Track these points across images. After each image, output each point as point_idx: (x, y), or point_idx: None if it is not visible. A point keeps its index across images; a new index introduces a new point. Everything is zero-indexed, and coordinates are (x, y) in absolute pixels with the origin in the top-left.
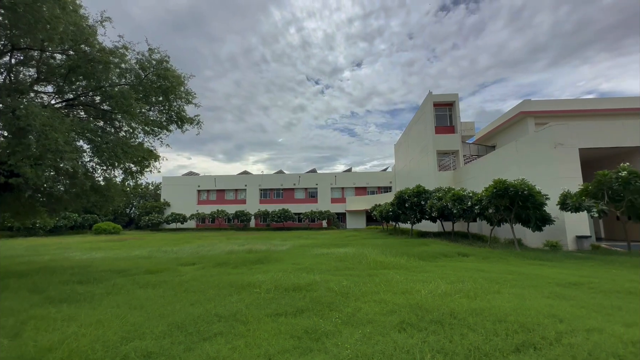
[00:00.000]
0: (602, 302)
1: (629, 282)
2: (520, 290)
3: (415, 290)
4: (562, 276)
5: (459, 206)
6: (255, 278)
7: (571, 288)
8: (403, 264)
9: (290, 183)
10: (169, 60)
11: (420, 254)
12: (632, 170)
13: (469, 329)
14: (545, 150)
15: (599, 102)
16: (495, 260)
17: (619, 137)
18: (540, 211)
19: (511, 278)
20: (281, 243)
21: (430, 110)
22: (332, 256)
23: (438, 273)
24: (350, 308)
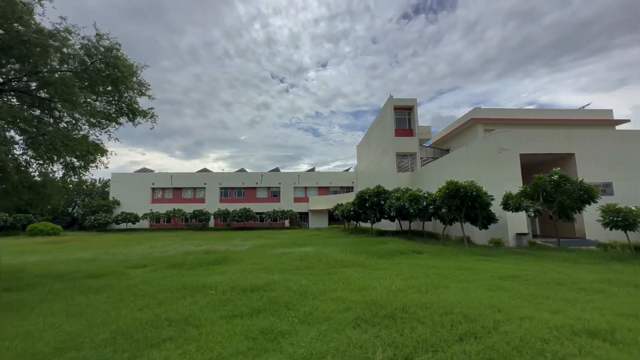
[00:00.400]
0: (534, 293)
1: (557, 274)
2: (466, 284)
3: (371, 287)
4: (502, 270)
5: (415, 206)
6: (212, 279)
7: (509, 280)
8: (362, 262)
9: (252, 182)
10: (120, 48)
11: (378, 252)
12: (562, 174)
13: (418, 322)
14: (492, 154)
15: (538, 113)
16: (447, 256)
17: (553, 144)
18: (486, 211)
19: (459, 273)
20: (241, 243)
21: (391, 114)
22: (292, 256)
23: (394, 270)
24: (308, 307)
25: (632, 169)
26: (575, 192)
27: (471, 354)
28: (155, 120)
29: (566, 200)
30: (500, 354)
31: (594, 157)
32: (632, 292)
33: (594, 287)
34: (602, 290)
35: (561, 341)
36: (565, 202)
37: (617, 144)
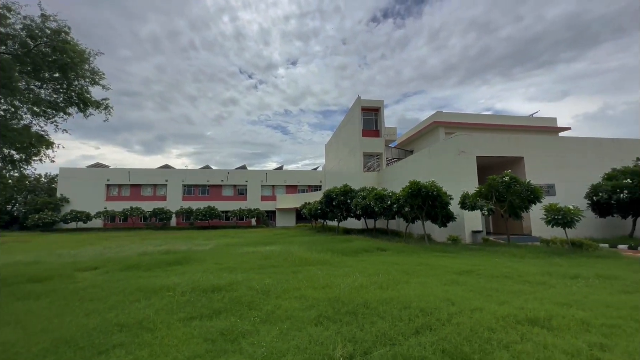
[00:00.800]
0: (485, 286)
1: (506, 268)
2: (425, 279)
3: (335, 284)
4: (458, 265)
5: (380, 205)
6: (170, 280)
7: (464, 275)
8: (327, 259)
9: (217, 179)
10: (70, 32)
11: (343, 249)
12: (512, 176)
13: (378, 317)
14: (451, 156)
15: (493, 118)
16: (409, 253)
17: (505, 148)
18: (445, 210)
19: (419, 269)
20: (204, 242)
21: (359, 114)
22: (257, 255)
23: (358, 267)
24: (271, 306)
25: (572, 172)
26: (524, 193)
27: (426, 345)
28: (110, 112)
29: (515, 200)
30: (452, 344)
31: (540, 161)
32: (567, 283)
33: (537, 279)
34: (543, 282)
35: (506, 330)
36: (515, 202)
37: (559, 149)
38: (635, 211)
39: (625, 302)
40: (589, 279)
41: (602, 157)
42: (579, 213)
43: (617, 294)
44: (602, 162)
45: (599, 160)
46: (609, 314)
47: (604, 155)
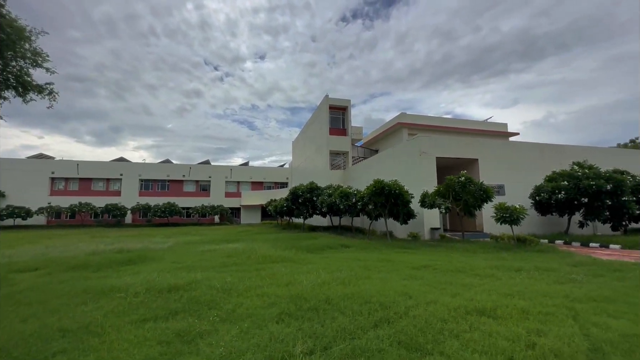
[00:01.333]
0: (440, 279)
1: (460, 263)
2: (386, 274)
3: (298, 281)
4: (417, 261)
5: (345, 202)
6: (122, 281)
7: (422, 270)
8: (291, 257)
9: (178, 174)
10: (5, 4)
11: (308, 246)
12: (468, 176)
13: (339, 313)
14: (413, 156)
15: (452, 122)
16: (371, 250)
17: (462, 150)
18: (407, 208)
19: (381, 265)
20: (163, 240)
21: (326, 113)
22: (219, 252)
23: (322, 264)
24: (231, 304)
25: (519, 174)
26: (477, 192)
27: (383, 338)
28: (55, 97)
29: (470, 199)
30: (408, 335)
31: (492, 163)
32: (512, 276)
33: (486, 272)
34: (492, 275)
35: (457, 320)
36: (469, 201)
37: (509, 152)
38: (570, 210)
39: (558, 292)
40: (530, 271)
41: (545, 160)
42: (524, 212)
43: (553, 284)
44: (545, 165)
45: (542, 164)
46: (545, 302)
47: (547, 159)
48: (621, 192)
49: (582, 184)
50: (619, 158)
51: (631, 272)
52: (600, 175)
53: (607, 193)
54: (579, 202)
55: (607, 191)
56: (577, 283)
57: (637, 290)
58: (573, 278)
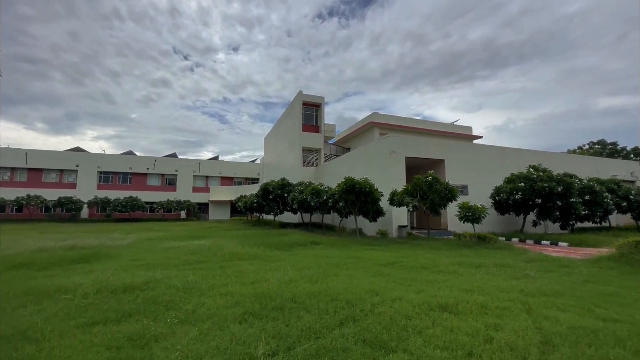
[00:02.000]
0: (406, 276)
1: (425, 260)
2: (353, 271)
3: (264, 279)
4: (384, 258)
5: (316, 199)
6: (71, 281)
7: (389, 267)
8: (259, 254)
9: (142, 167)
10: None
11: (277, 243)
12: (434, 176)
13: (305, 311)
14: (384, 155)
15: (422, 123)
16: (340, 247)
17: (430, 150)
18: (376, 205)
19: (349, 262)
20: (122, 237)
21: (300, 109)
22: (183, 249)
23: (290, 261)
24: (192, 304)
25: (482, 175)
26: (443, 192)
27: (348, 337)
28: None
29: (436, 198)
30: (373, 333)
31: (457, 164)
32: (473, 272)
33: (449, 269)
34: (454, 271)
35: (421, 316)
36: (436, 200)
37: (473, 154)
38: (525, 210)
39: (514, 287)
40: (489, 268)
41: (505, 163)
42: (484, 211)
43: (509, 279)
44: (505, 168)
45: (502, 166)
46: (502, 297)
47: (507, 162)
48: (570, 194)
49: (537, 185)
50: (568, 163)
51: (577, 268)
52: (553, 178)
53: (558, 195)
54: (533, 203)
55: (558, 193)
56: (530, 278)
57: (582, 285)
58: (527, 274)
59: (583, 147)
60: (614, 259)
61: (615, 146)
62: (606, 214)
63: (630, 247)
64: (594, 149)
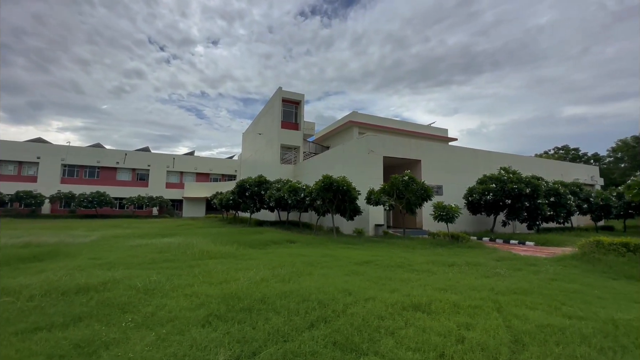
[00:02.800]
0: (381, 275)
1: (399, 258)
2: (328, 270)
3: (234, 278)
4: (360, 256)
5: (293, 197)
6: (16, 282)
7: (364, 265)
8: (232, 252)
9: (111, 161)
10: None
11: (252, 242)
12: (411, 176)
13: (274, 313)
14: (362, 154)
15: (400, 124)
16: (316, 245)
17: (407, 151)
18: (354, 204)
19: (324, 260)
20: (86, 234)
21: (279, 105)
22: (151, 247)
23: (264, 260)
24: (152, 307)
25: (456, 176)
26: (419, 192)
27: (318, 339)
28: None
29: (412, 197)
30: (344, 335)
31: (433, 164)
32: (446, 271)
33: (423, 267)
34: (428, 270)
35: (394, 317)
36: (412, 199)
37: (448, 155)
38: (496, 210)
39: (485, 285)
40: (462, 266)
41: (478, 165)
42: (458, 210)
43: (481, 278)
44: (478, 169)
45: (475, 168)
46: (473, 296)
47: (479, 164)
48: (537, 195)
49: (507, 187)
50: (536, 166)
51: (543, 266)
52: (522, 180)
53: (526, 196)
54: (503, 203)
55: (526, 194)
56: (500, 277)
57: (549, 283)
58: (497, 272)
59: (549, 152)
60: (577, 257)
61: (577, 152)
62: (569, 215)
63: (590, 246)
64: (558, 154)
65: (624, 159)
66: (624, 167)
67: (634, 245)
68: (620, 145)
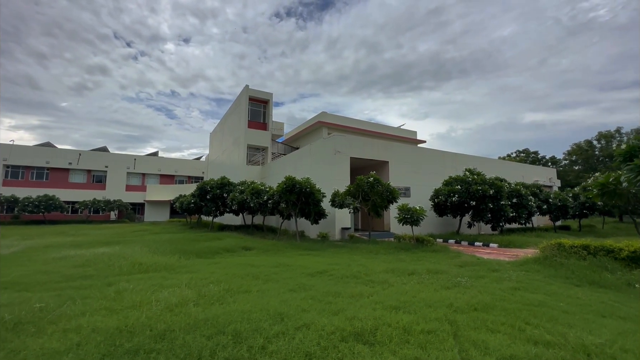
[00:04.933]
0: (330, 289)
1: (358, 267)
2: (272, 284)
3: (147, 302)
4: (316, 265)
5: (256, 200)
6: None
7: (316, 277)
8: (170, 264)
9: (63, 161)
10: None
11: (202, 250)
12: (376, 177)
13: (171, 355)
14: (329, 155)
15: (369, 125)
16: (274, 252)
17: (375, 152)
18: (318, 207)
19: (274, 272)
20: (12, 243)
21: (246, 104)
22: (75, 260)
23: (203, 273)
24: (5, 351)
25: (424, 177)
26: (384, 193)
27: None
28: None
29: (377, 199)
30: None
31: (401, 166)
32: (404, 281)
33: (380, 278)
34: (385, 281)
35: (327, 352)
36: (377, 201)
37: (416, 157)
38: (461, 212)
39: (444, 300)
40: (422, 275)
41: (445, 166)
42: (423, 213)
43: (440, 289)
44: (445, 171)
45: (442, 169)
46: (429, 315)
47: (447, 165)
48: (500, 196)
49: (472, 188)
50: (499, 167)
51: (506, 272)
52: (486, 182)
53: (490, 197)
54: (468, 205)
55: (490, 196)
56: (461, 287)
57: (512, 293)
58: (459, 281)
59: (511, 155)
60: (539, 261)
61: (537, 155)
62: (530, 216)
63: (552, 249)
64: (520, 156)
65: (578, 162)
66: (578, 170)
67: (594, 248)
68: (575, 149)
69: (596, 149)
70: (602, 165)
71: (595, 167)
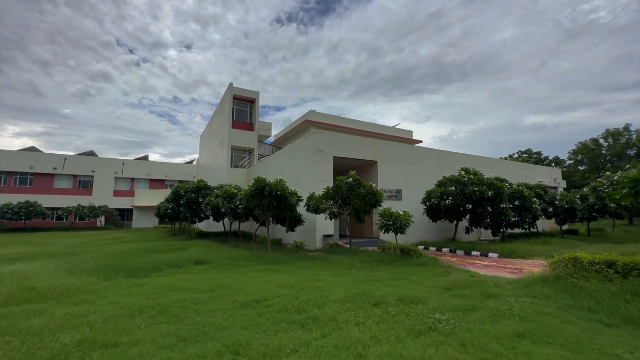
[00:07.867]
0: (241, 339)
1: (312, 292)
2: (172, 326)
3: None
4: (262, 288)
5: (227, 204)
6: None
7: (247, 309)
8: (75, 288)
9: (47, 166)
10: None
11: (141, 266)
12: (356, 178)
13: None
14: (310, 154)
15: (360, 124)
16: (228, 267)
17: (362, 151)
18: (293, 212)
19: (198, 299)
20: None
21: (230, 103)
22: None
23: (96, 304)
24: None
25: (417, 178)
26: (367, 196)
27: None
28: None
29: (359, 203)
30: None
31: (392, 166)
32: (361, 320)
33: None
34: (333, 318)
35: None
36: (358, 205)
37: (408, 156)
38: (457, 216)
39: None
40: (389, 307)
41: (441, 166)
42: (408, 218)
43: (406, 338)
44: (440, 171)
45: (438, 169)
46: None
47: (442, 165)
48: (500, 198)
49: (468, 189)
50: (499, 167)
51: (506, 299)
52: (483, 182)
53: (489, 199)
54: (464, 208)
55: (489, 197)
56: (438, 333)
57: (514, 347)
58: (437, 320)
59: (513, 156)
60: (549, 282)
61: (539, 155)
62: (534, 220)
63: (566, 266)
64: (522, 157)
65: (584, 161)
66: (583, 170)
67: (622, 266)
68: (581, 148)
69: (603, 148)
70: (609, 165)
71: (602, 167)
